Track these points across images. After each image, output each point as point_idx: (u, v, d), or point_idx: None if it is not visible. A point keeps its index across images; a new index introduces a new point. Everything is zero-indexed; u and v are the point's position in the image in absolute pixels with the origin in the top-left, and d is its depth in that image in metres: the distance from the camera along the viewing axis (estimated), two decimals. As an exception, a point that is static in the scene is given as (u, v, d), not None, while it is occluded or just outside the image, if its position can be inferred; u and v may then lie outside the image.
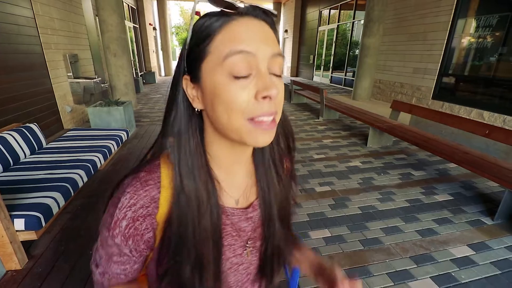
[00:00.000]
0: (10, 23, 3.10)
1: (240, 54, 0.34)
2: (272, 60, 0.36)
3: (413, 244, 1.90)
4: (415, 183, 2.76)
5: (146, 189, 0.39)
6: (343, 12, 9.66)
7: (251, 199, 0.48)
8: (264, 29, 0.36)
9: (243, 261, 0.48)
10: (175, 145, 0.39)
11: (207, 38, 0.35)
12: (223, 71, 0.34)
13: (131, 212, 0.38)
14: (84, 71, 4.96)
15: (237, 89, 0.34)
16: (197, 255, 0.40)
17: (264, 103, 0.35)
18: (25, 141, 2.38)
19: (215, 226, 0.41)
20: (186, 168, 0.39)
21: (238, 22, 0.35)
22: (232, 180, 0.46)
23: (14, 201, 1.62)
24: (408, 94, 6.18)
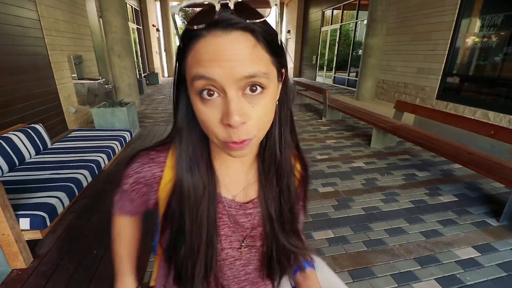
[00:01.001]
0: (16, 25, 3.14)
1: (201, 79, 0.33)
2: (243, 82, 0.32)
3: (417, 245, 1.89)
4: (419, 184, 2.74)
5: (151, 166, 0.45)
6: (346, 12, 9.63)
7: (251, 196, 0.49)
8: (235, 45, 0.32)
9: (240, 256, 0.49)
10: (177, 136, 0.43)
11: (184, 55, 0.35)
12: (192, 91, 0.35)
13: (134, 177, 0.47)
14: (88, 72, 5.00)
15: (206, 111, 0.35)
16: (192, 236, 0.43)
17: (230, 130, 0.34)
18: (30, 141, 2.40)
19: (211, 212, 0.44)
20: (186, 159, 0.43)
21: (204, 40, 0.32)
22: (231, 175, 0.48)
23: (19, 201, 1.64)
24: (412, 95, 6.14)
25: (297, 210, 0.52)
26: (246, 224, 0.48)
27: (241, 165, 0.48)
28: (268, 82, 0.35)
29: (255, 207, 0.49)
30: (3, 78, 2.89)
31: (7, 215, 1.45)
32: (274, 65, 0.36)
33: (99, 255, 1.71)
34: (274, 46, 0.36)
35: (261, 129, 0.37)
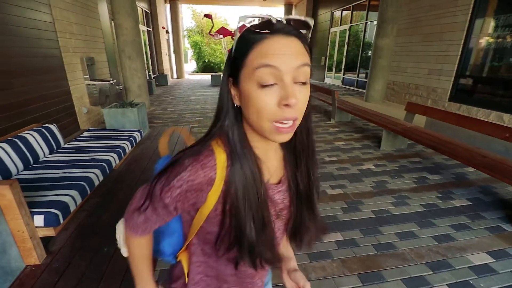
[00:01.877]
0: (31, 27, 3.24)
1: (266, 67, 0.41)
2: (297, 71, 0.42)
3: (429, 250, 1.85)
4: (431, 187, 2.69)
5: (205, 170, 0.47)
6: (356, 13, 9.55)
7: (279, 176, 0.58)
8: (292, 45, 0.42)
9: (276, 224, 0.58)
10: (230, 132, 0.49)
11: (245, 52, 0.43)
12: (253, 81, 0.42)
13: (186, 186, 0.47)
14: (100, 73, 5.11)
15: (263, 96, 0.42)
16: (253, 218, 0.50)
17: (285, 110, 0.42)
18: (45, 141, 2.46)
19: (263, 196, 0.51)
20: (239, 152, 0.48)
21: (269, 40, 0.42)
22: (267, 162, 0.54)
23: (34, 199, 1.68)
24: (423, 96, 6.03)
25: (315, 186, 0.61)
26: (278, 200, 0.57)
27: (274, 152, 0.57)
28: (309, 75, 0.45)
29: (282, 186, 0.58)
30: (18, 79, 2.98)
31: (22, 212, 1.49)
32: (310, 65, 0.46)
33: (110, 253, 1.73)
34: (310, 51, 0.46)
35: (301, 113, 0.46)
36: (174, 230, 0.62)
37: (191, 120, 5.40)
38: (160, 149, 0.71)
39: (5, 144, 2.05)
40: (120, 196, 2.40)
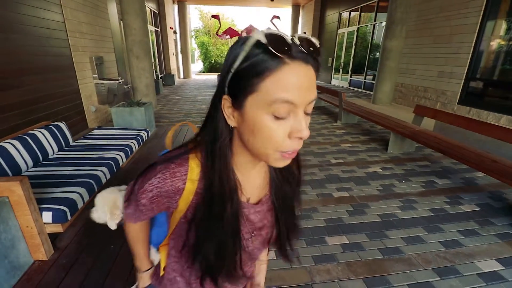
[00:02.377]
0: (43, 27, 3.30)
1: (286, 103, 0.38)
2: (309, 104, 0.41)
3: (436, 255, 1.82)
4: (439, 191, 2.65)
5: (173, 180, 0.48)
6: (364, 14, 9.48)
7: (260, 196, 0.57)
8: (309, 76, 0.39)
9: (249, 244, 0.58)
10: (209, 149, 0.47)
11: (259, 75, 0.38)
12: (267, 111, 0.39)
13: (156, 191, 0.48)
14: (108, 73, 5.17)
15: (276, 128, 0.40)
16: (220, 237, 0.50)
17: (295, 141, 0.41)
18: (54, 138, 2.50)
19: (235, 215, 0.50)
20: (218, 171, 0.47)
21: (289, 67, 0.37)
22: (247, 181, 0.54)
23: (42, 195, 1.71)
24: (432, 99, 5.95)
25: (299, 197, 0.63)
26: (255, 220, 0.57)
27: (258, 170, 0.55)
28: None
29: (262, 205, 0.57)
30: (30, 77, 3.03)
31: (31, 208, 1.52)
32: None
33: (115, 250, 1.75)
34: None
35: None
36: (162, 223, 0.66)
37: (197, 120, 5.43)
38: (166, 143, 0.72)
39: (15, 141, 2.09)
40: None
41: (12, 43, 2.79)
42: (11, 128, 2.62)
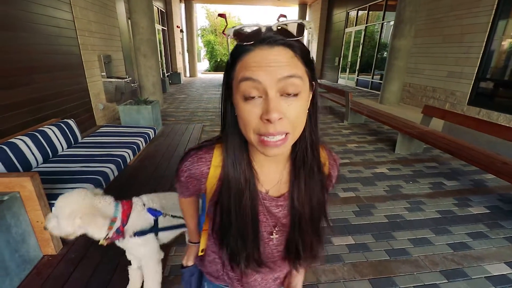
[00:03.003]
0: (52, 25, 3.35)
1: (247, 80, 0.41)
2: (282, 83, 0.40)
3: (444, 257, 1.79)
4: (448, 193, 2.61)
5: (199, 164, 0.55)
6: (372, 13, 9.37)
7: (282, 191, 0.57)
8: (277, 55, 0.40)
9: (272, 238, 0.59)
10: (224, 140, 0.52)
11: (233, 65, 0.44)
12: (239, 94, 0.42)
13: (188, 172, 0.56)
14: (116, 71, 5.23)
15: (248, 109, 0.42)
16: (238, 221, 0.53)
17: (268, 125, 0.41)
18: (63, 135, 2.54)
19: (253, 203, 0.53)
20: (231, 159, 0.51)
21: (252, 52, 0.41)
22: (264, 172, 0.55)
23: (52, 191, 1.74)
24: (441, 99, 5.86)
25: (325, 206, 0.59)
26: (278, 214, 0.57)
27: (275, 165, 0.55)
28: (302, 87, 0.42)
29: (285, 201, 0.57)
30: (39, 75, 3.09)
31: (41, 204, 1.55)
32: (307, 75, 0.44)
33: (122, 247, 1.77)
34: (307, 60, 0.44)
35: (295, 127, 0.44)
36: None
37: (203, 119, 5.45)
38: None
39: (26, 138, 2.12)
40: (133, 192, 2.44)
41: (23, 42, 2.84)
42: (21, 124, 2.67)
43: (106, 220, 1.12)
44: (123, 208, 1.20)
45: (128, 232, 1.20)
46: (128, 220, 1.19)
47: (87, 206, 1.09)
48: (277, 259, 0.62)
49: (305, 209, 0.55)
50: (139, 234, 1.20)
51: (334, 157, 0.61)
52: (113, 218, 1.16)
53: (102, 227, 1.12)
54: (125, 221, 1.18)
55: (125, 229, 1.19)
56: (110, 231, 1.16)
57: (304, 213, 0.56)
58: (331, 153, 0.61)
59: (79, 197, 1.10)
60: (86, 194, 1.13)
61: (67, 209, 1.06)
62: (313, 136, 0.52)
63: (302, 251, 0.58)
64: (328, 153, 0.61)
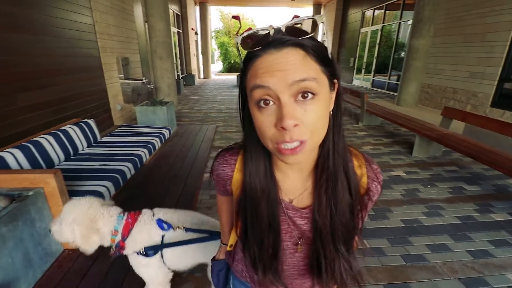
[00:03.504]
0: (74, 29, 3.48)
1: (258, 88, 0.39)
2: (295, 87, 0.37)
3: (463, 265, 1.72)
4: (468, 198, 2.51)
5: (224, 166, 0.57)
6: (389, 12, 9.17)
7: (307, 203, 0.53)
8: (286, 58, 0.38)
9: (297, 249, 0.55)
10: (244, 146, 0.52)
11: (244, 73, 0.43)
12: (252, 103, 0.41)
13: (216, 172, 0.58)
14: (133, 73, 5.38)
15: (262, 117, 0.40)
16: (254, 229, 0.52)
17: (283, 132, 0.38)
18: (83, 134, 2.64)
19: (271, 213, 0.51)
20: (249, 166, 0.50)
21: (261, 58, 0.39)
22: (288, 181, 0.53)
23: (73, 187, 1.81)
24: (462, 101, 5.64)
25: (354, 222, 0.52)
26: (304, 227, 0.53)
27: (299, 173, 0.52)
28: (319, 88, 0.39)
29: (310, 213, 0.53)
30: (62, 77, 3.22)
31: (63, 199, 1.61)
32: (324, 74, 0.41)
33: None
34: (323, 57, 0.41)
35: (314, 133, 0.40)
36: None
37: (217, 120, 5.51)
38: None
39: (49, 137, 2.23)
40: (149, 190, 2.51)
41: (46, 45, 2.97)
42: (45, 124, 2.80)
43: (99, 237, 1.07)
44: (126, 221, 1.12)
45: (129, 247, 1.11)
46: (129, 234, 1.11)
47: (89, 218, 1.05)
48: (304, 272, 0.58)
49: (325, 223, 0.50)
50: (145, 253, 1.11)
51: (374, 169, 0.53)
52: (114, 232, 1.09)
53: (93, 245, 1.06)
54: (126, 235, 1.10)
55: (126, 244, 1.11)
56: (113, 244, 1.11)
57: (325, 227, 0.50)
58: (371, 164, 0.53)
59: (85, 206, 1.07)
60: (93, 204, 1.09)
61: (71, 216, 1.04)
62: (336, 141, 0.47)
63: (324, 270, 0.53)
64: (368, 164, 0.53)
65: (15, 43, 2.48)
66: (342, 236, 0.51)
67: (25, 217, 1.44)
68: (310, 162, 0.50)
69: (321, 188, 0.49)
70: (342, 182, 0.48)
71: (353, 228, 0.52)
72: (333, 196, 0.49)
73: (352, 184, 0.50)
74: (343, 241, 0.51)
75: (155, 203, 2.30)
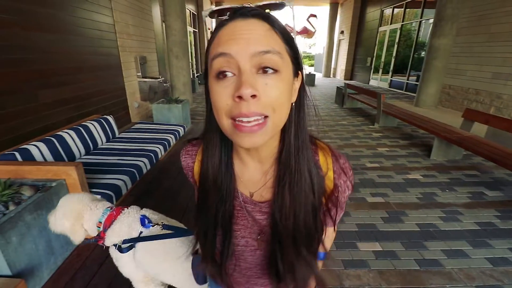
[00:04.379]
0: (95, 29, 3.61)
1: (220, 56, 0.36)
2: (257, 58, 0.35)
3: (481, 272, 1.66)
4: (489, 204, 2.40)
5: (186, 157, 0.56)
6: (409, 10, 8.90)
7: (267, 197, 0.50)
8: (251, 27, 0.36)
9: (258, 246, 0.52)
10: (203, 134, 0.49)
11: (208, 47, 0.40)
12: (211, 73, 0.38)
13: (182, 164, 0.57)
14: (150, 71, 5.51)
15: (219, 89, 0.37)
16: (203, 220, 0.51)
17: (241, 104, 0.35)
18: (103, 130, 2.75)
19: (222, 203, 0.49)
20: (206, 154, 0.48)
21: (225, 27, 0.37)
22: (246, 172, 0.50)
23: (93, 180, 1.89)
24: (485, 103, 5.40)
25: (317, 223, 0.48)
26: (263, 222, 0.50)
27: (259, 165, 0.49)
28: (282, 66, 0.37)
29: (269, 208, 0.49)
30: (83, 75, 3.35)
31: (83, 191, 1.69)
32: (288, 54, 0.39)
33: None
34: (288, 39, 0.39)
35: (275, 110, 0.37)
36: None
37: (231, 118, 5.54)
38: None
39: (71, 131, 2.33)
40: (163, 185, 2.57)
41: (69, 44, 3.10)
42: (67, 119, 2.93)
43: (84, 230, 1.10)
44: (110, 213, 1.12)
45: (108, 237, 1.09)
46: (110, 226, 1.10)
47: (76, 212, 1.08)
48: (266, 271, 0.54)
49: (287, 224, 0.46)
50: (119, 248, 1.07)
51: (342, 163, 0.49)
52: (98, 223, 1.10)
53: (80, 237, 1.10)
54: (107, 226, 1.10)
55: (106, 234, 1.10)
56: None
57: (287, 228, 0.46)
58: (339, 158, 0.49)
59: (75, 201, 1.11)
60: (83, 199, 1.12)
61: (62, 209, 1.08)
62: (299, 136, 0.44)
63: (282, 271, 0.48)
64: (334, 158, 0.49)
65: (39, 42, 2.60)
66: (305, 238, 0.47)
67: (49, 207, 1.52)
68: (270, 152, 0.47)
69: (284, 185, 0.45)
70: (306, 180, 0.45)
71: (316, 230, 0.48)
72: (297, 194, 0.45)
73: (316, 184, 0.46)
74: (305, 243, 0.47)
75: (169, 197, 2.37)
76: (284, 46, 0.38)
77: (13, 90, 2.23)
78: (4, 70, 2.15)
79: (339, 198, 0.50)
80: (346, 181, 0.49)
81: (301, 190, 0.45)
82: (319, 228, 0.48)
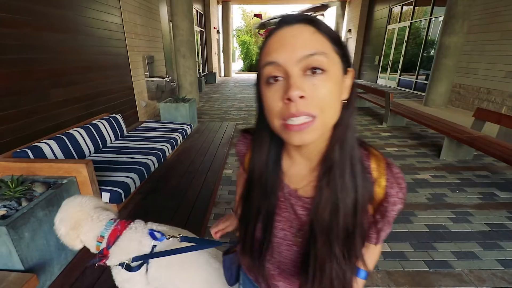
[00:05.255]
0: (104, 29, 3.66)
1: (268, 65, 0.40)
2: (304, 62, 0.38)
3: (492, 274, 1.62)
4: (500, 205, 2.35)
5: (240, 145, 0.61)
6: (418, 8, 8.75)
7: (311, 194, 0.49)
8: (295, 33, 0.39)
9: (296, 242, 0.52)
10: (255, 130, 0.52)
11: (260, 55, 0.44)
12: (262, 80, 0.42)
13: (237, 148, 0.63)
14: (157, 71, 5.56)
15: (270, 93, 0.40)
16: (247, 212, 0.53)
17: (290, 105, 0.38)
18: (112, 128, 2.79)
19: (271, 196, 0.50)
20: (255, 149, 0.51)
21: (273, 36, 0.41)
22: (294, 168, 0.51)
23: (102, 178, 1.92)
24: (497, 102, 5.28)
25: (360, 232, 0.46)
26: (304, 218, 0.50)
27: (307, 162, 0.49)
28: (329, 65, 0.39)
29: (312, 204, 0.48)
30: (93, 74, 3.40)
31: (93, 188, 1.72)
32: (336, 53, 0.41)
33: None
34: (335, 38, 0.41)
35: (323, 110, 0.39)
36: None
37: (236, 117, 5.56)
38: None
39: (81, 130, 2.37)
40: (171, 183, 2.60)
41: (79, 43, 3.14)
42: (77, 118, 2.98)
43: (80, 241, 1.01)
44: (115, 227, 1.02)
45: (113, 256, 0.99)
46: (115, 242, 0.99)
47: (75, 220, 0.99)
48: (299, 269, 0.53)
49: (324, 220, 0.45)
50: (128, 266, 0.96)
51: (395, 172, 0.47)
52: (99, 238, 0.99)
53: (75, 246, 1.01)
54: (112, 243, 0.99)
55: (110, 252, 0.99)
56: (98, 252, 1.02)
57: (322, 225, 0.45)
58: (392, 167, 0.47)
59: (75, 207, 1.02)
60: (85, 205, 1.03)
61: (61, 214, 1.01)
62: (346, 134, 0.44)
63: (311, 272, 0.47)
64: (388, 166, 0.47)
65: (50, 42, 2.64)
66: (341, 239, 0.45)
67: (60, 203, 1.54)
68: (319, 150, 0.46)
69: (325, 181, 0.45)
70: (348, 179, 0.44)
71: (354, 232, 0.45)
72: (337, 194, 0.44)
73: (360, 186, 0.44)
74: (341, 244, 0.46)
75: (177, 195, 2.39)
76: (331, 45, 0.40)
77: (25, 89, 2.28)
78: (17, 70, 2.20)
79: (388, 211, 0.47)
80: (398, 192, 0.46)
81: (341, 187, 0.44)
82: (357, 233, 0.46)
